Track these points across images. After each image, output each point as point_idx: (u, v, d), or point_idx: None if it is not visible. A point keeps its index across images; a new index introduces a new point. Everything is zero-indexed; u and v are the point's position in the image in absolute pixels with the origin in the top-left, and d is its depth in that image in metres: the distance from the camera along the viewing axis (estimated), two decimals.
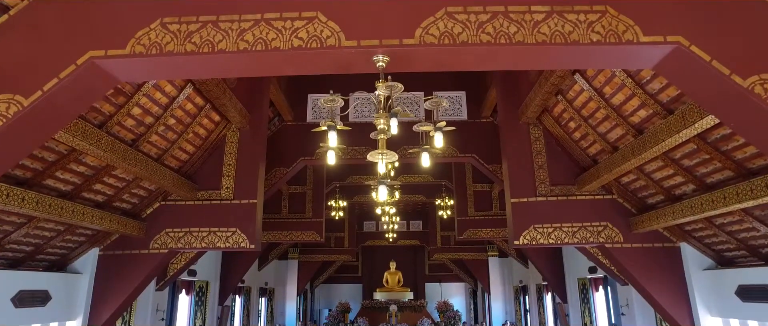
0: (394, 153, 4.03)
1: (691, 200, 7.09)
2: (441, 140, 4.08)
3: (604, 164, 7.96)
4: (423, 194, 19.12)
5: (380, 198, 4.23)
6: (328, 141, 4.10)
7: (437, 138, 4.06)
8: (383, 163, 4.01)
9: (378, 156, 3.95)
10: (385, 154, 3.97)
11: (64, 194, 7.24)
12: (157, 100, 7.36)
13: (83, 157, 6.91)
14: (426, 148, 4.33)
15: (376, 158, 4.02)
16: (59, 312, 8.24)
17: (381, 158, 3.96)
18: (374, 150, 4.22)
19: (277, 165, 11.54)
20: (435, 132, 4.05)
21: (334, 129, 4.00)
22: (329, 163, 4.05)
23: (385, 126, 3.95)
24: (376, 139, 4.15)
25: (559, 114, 8.65)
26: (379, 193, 4.20)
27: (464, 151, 11.53)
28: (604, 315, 12.75)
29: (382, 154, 3.94)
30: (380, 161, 3.97)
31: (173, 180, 8.46)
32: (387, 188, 4.13)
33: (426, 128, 4.15)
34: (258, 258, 18.87)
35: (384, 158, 3.97)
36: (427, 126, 4.15)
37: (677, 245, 8.73)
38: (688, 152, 6.74)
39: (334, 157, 4.11)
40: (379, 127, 3.98)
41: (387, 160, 3.99)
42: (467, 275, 23.99)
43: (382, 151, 3.93)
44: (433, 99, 4.05)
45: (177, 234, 8.96)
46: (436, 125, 4.06)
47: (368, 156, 4.11)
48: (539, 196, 8.94)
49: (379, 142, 3.99)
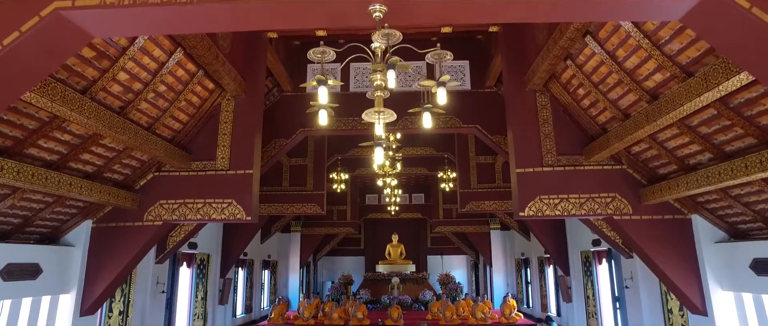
0: (391, 111, 3.52)
1: (708, 169, 6.58)
2: (444, 97, 3.57)
3: (614, 132, 7.43)
4: (425, 167, 18.64)
5: (377, 160, 3.76)
6: (318, 99, 3.57)
7: (440, 94, 3.54)
8: (380, 123, 3.50)
9: (374, 115, 3.45)
10: (383, 112, 3.46)
11: (49, 164, 6.77)
12: (145, 65, 6.83)
13: (67, 124, 6.42)
14: (427, 107, 3.82)
15: (372, 118, 3.51)
16: (51, 285, 7.85)
17: (377, 118, 3.46)
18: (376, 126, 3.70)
19: (276, 136, 11.04)
20: (437, 88, 3.53)
21: (324, 84, 3.48)
22: (321, 123, 3.55)
23: (382, 82, 3.42)
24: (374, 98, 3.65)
25: (567, 80, 8.09)
26: (375, 156, 3.72)
27: (467, 121, 11.00)
28: (607, 288, 12.37)
29: (379, 113, 3.43)
30: (377, 121, 3.47)
31: (166, 150, 7.99)
32: (384, 150, 3.64)
33: (428, 84, 3.63)
34: (260, 231, 18.55)
35: (381, 118, 3.46)
36: (429, 82, 3.62)
37: (688, 217, 8.25)
38: (706, 118, 6.20)
39: (326, 117, 3.60)
40: (376, 83, 3.46)
41: (384, 119, 3.49)
42: (469, 248, 23.68)
43: (378, 110, 3.42)
44: (436, 50, 3.52)
45: (171, 205, 8.52)
46: (439, 81, 3.54)
47: (364, 114, 3.60)
48: (545, 166, 8.43)
49: (376, 99, 3.48)
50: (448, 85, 3.51)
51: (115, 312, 10.02)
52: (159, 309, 11.27)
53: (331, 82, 3.53)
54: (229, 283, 14.72)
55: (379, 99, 3.49)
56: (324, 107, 3.57)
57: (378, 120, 3.48)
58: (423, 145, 16.09)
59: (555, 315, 16.00)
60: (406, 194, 23.29)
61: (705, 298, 7.89)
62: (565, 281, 14.23)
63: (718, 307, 7.73)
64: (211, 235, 14.09)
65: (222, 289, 14.45)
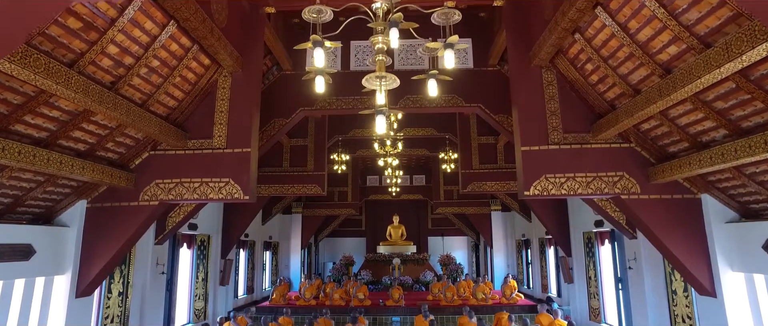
0: (394, 76, 3.15)
1: (723, 146, 6.21)
2: (452, 60, 3.19)
3: (624, 109, 7.05)
4: (426, 148, 18.28)
5: (378, 130, 3.41)
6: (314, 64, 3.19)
7: (448, 57, 3.17)
8: (382, 91, 3.13)
9: (375, 81, 3.08)
10: (385, 78, 3.09)
11: (38, 141, 6.42)
12: (136, 38, 6.44)
13: (55, 99, 6.05)
14: (433, 73, 3.44)
15: (373, 84, 3.14)
16: (45, 266, 7.55)
17: (379, 84, 3.09)
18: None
19: (276, 116, 10.66)
20: (445, 50, 3.15)
21: (320, 46, 3.10)
22: (318, 90, 3.18)
23: (384, 45, 3.05)
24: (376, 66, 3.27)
25: (575, 55, 7.68)
26: (376, 125, 3.36)
27: (470, 100, 10.62)
28: (609, 269, 12.08)
29: (381, 79, 3.06)
30: (378, 88, 3.10)
31: (161, 127, 7.63)
32: (385, 118, 3.28)
33: (434, 46, 3.25)
34: (262, 213, 18.27)
35: (382, 84, 3.09)
36: (435, 44, 3.24)
37: (698, 197, 7.90)
38: (723, 92, 5.82)
39: (322, 83, 3.23)
40: (377, 46, 3.08)
41: (387, 85, 3.12)
42: (470, 229, 23.43)
43: (380, 75, 3.05)
44: (443, 8, 3.13)
45: (167, 185, 8.19)
46: (446, 43, 3.16)
47: (364, 80, 3.23)
48: (551, 144, 8.07)
49: (378, 64, 3.10)
50: (455, 44, 3.13)
51: (115, 293, 9.75)
52: (159, 290, 11.01)
53: (329, 44, 3.15)
54: (230, 264, 14.46)
55: (381, 63, 3.13)
56: (321, 72, 3.20)
57: (379, 87, 3.12)
58: (424, 125, 15.71)
59: (555, 296, 15.76)
60: (407, 175, 22.97)
61: (714, 279, 7.58)
62: (566, 262, 13.94)
63: (728, 288, 7.42)
64: (212, 216, 13.80)
65: (223, 270, 14.19)
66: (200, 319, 12.93)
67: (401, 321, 14.79)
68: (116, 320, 9.69)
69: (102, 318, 9.41)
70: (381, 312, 15.09)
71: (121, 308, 9.83)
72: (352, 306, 15.04)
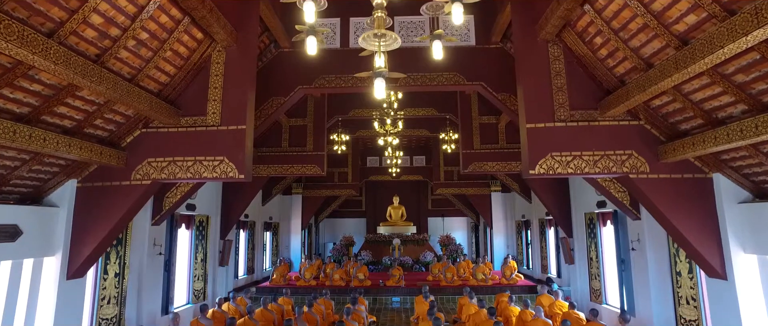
0: (394, 34, 2.70)
1: (742, 123, 5.75)
2: (461, 16, 2.73)
3: (635, 83, 6.57)
4: (426, 128, 17.82)
5: (377, 94, 2.96)
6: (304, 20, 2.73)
7: (456, 12, 2.70)
8: (381, 52, 2.68)
9: (373, 39, 2.62)
10: (384, 36, 2.63)
11: (20, 117, 5.97)
12: (121, 7, 5.94)
13: (36, 72, 5.59)
14: (438, 34, 2.97)
15: (371, 44, 2.68)
16: (34, 247, 7.16)
17: (378, 44, 2.63)
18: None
19: (274, 94, 10.18)
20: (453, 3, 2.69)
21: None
22: (309, 52, 2.73)
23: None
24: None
25: (583, 28, 7.18)
26: (375, 90, 2.91)
27: (472, 78, 10.12)
28: (611, 250, 11.71)
29: (379, 37, 2.61)
30: (377, 47, 2.64)
31: (151, 104, 7.15)
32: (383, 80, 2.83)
33: None
34: (262, 194, 17.90)
35: (381, 43, 2.64)
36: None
37: (709, 176, 7.47)
38: (745, 64, 5.35)
39: (315, 44, 2.78)
40: (376, 2, 2.61)
41: (386, 44, 2.67)
42: (470, 210, 23.08)
43: (378, 31, 2.59)
44: None
45: (160, 163, 7.75)
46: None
47: (361, 39, 2.78)
48: (558, 121, 7.61)
49: (376, 21, 2.65)
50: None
51: (111, 274, 9.39)
52: (157, 270, 10.65)
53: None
54: (229, 245, 14.10)
55: (380, 20, 2.67)
56: (312, 31, 2.74)
57: (378, 46, 2.67)
58: (425, 105, 15.24)
59: (555, 277, 15.44)
60: (407, 156, 22.53)
61: (725, 261, 7.18)
62: (567, 243, 13.58)
63: (740, 271, 7.03)
64: (210, 197, 13.40)
65: (222, 251, 13.83)
66: (199, 300, 12.61)
67: (401, 302, 14.49)
68: (113, 301, 9.35)
69: (98, 299, 9.07)
70: (381, 292, 14.80)
71: (118, 289, 9.48)
72: (352, 286, 14.75)
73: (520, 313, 10.01)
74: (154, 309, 10.33)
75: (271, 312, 10.43)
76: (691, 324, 8.75)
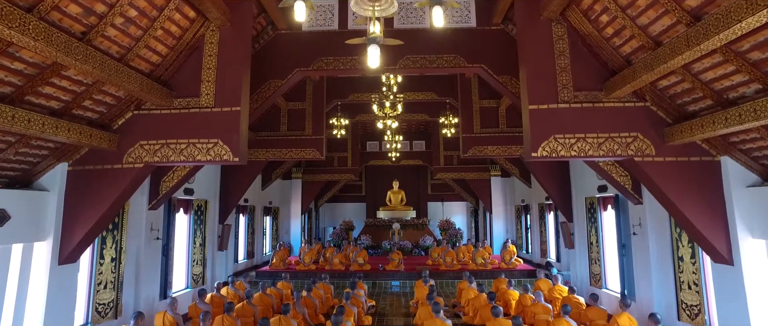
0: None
1: (755, 103, 5.42)
2: None
3: (643, 62, 6.22)
4: (426, 113, 17.47)
5: (370, 64, 2.63)
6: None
7: None
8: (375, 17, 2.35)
9: (367, 3, 2.30)
10: (378, 1, 2.30)
11: (1, 97, 5.64)
12: None
13: (16, 49, 5.25)
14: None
15: (364, 8, 2.36)
16: (23, 232, 6.86)
17: (371, 8, 2.31)
18: None
19: (271, 77, 9.80)
20: None
21: None
22: (297, 18, 2.40)
23: None
24: None
25: (589, 5, 6.81)
26: (368, 58, 2.58)
27: (472, 60, 9.73)
28: (612, 235, 11.43)
29: (373, 1, 2.28)
30: (370, 12, 2.32)
31: (142, 84, 6.81)
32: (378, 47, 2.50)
33: None
34: (261, 178, 17.61)
35: (375, 8, 2.32)
36: None
37: (717, 159, 7.15)
38: (762, 40, 5.01)
39: (303, 10, 2.45)
40: None
41: (380, 9, 2.34)
42: (469, 194, 22.81)
43: None
44: None
45: (153, 146, 7.43)
46: None
47: (353, 4, 2.44)
48: (561, 103, 7.27)
49: None
50: None
51: (107, 259, 9.12)
52: (155, 255, 10.39)
53: None
54: (228, 229, 13.83)
55: None
56: None
57: (372, 11, 2.34)
58: (424, 89, 14.88)
59: (554, 261, 15.20)
60: (407, 141, 22.20)
61: (731, 246, 6.89)
62: (567, 227, 13.31)
63: (747, 256, 6.75)
64: (209, 181, 13.10)
65: (221, 235, 13.57)
66: (198, 284, 12.37)
67: (400, 286, 14.28)
68: (110, 286, 9.10)
69: (95, 284, 8.82)
70: (380, 276, 14.58)
71: (115, 274, 9.22)
72: (351, 271, 14.53)
73: (519, 297, 9.78)
74: (151, 293, 10.08)
75: (270, 296, 10.20)
76: (692, 309, 8.50)
